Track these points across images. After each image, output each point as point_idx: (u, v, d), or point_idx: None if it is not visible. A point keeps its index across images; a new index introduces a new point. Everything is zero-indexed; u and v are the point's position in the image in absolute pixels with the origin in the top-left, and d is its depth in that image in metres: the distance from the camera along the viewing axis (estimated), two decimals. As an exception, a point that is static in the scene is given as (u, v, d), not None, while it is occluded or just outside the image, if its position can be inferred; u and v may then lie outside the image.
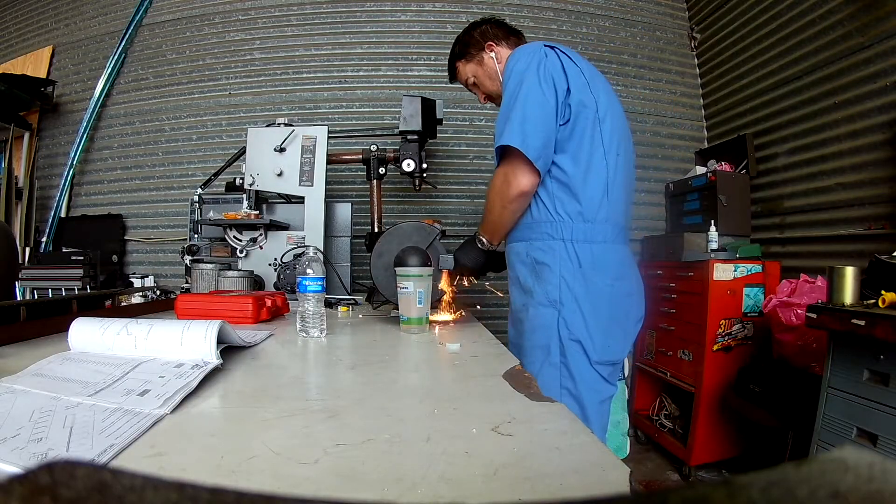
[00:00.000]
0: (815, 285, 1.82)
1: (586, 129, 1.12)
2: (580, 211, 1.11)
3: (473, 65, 1.37)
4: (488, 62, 1.35)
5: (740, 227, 2.38)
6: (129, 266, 2.89)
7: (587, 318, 1.09)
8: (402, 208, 2.73)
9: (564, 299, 1.09)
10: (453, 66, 1.43)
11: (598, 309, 1.10)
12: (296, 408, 0.53)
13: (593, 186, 1.12)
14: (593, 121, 1.12)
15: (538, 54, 1.13)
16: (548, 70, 1.11)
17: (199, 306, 1.11)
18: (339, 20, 2.84)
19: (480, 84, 1.38)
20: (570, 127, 1.11)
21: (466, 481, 0.36)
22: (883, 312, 1.27)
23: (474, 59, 1.36)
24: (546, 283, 1.11)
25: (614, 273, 1.13)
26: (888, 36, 1.86)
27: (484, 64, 1.35)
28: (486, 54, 1.35)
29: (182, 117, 2.91)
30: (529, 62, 1.12)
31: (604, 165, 1.12)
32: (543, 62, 1.11)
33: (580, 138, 1.11)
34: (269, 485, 0.36)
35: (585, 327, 1.09)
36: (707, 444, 2.15)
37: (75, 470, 0.12)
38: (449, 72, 1.46)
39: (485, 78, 1.36)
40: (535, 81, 1.10)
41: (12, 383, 0.55)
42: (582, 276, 1.10)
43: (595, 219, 1.12)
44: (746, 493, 0.11)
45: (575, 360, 1.09)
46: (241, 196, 1.84)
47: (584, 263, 1.10)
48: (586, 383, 1.10)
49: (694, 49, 2.95)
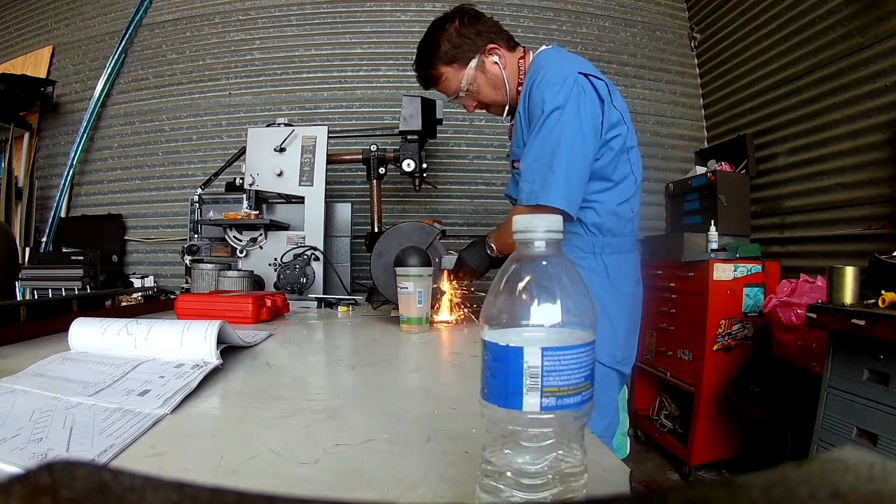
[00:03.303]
0: (815, 285, 1.82)
1: (620, 156, 1.14)
2: (610, 227, 1.15)
3: (471, 71, 1.17)
4: (492, 68, 1.17)
5: (740, 227, 2.38)
6: (129, 266, 2.89)
7: (615, 323, 1.14)
8: (402, 208, 2.73)
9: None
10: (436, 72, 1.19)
11: (623, 313, 1.16)
12: (296, 408, 0.53)
13: (624, 207, 1.16)
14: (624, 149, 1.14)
15: (576, 88, 1.04)
16: (587, 110, 1.05)
17: (199, 306, 1.10)
18: (339, 20, 2.83)
19: (479, 93, 1.20)
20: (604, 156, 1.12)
21: (466, 481, 0.36)
22: (883, 312, 1.27)
23: (472, 62, 1.16)
24: None
25: (635, 279, 1.20)
26: (888, 36, 1.86)
27: (486, 70, 1.17)
28: (488, 58, 1.17)
29: (182, 117, 2.91)
30: (568, 98, 1.04)
31: (633, 189, 1.17)
32: (582, 100, 1.05)
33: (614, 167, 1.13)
34: (269, 485, 0.36)
35: (613, 331, 1.13)
36: (707, 444, 2.15)
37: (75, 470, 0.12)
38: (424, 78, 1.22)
39: (486, 86, 1.18)
40: (577, 127, 1.04)
41: (12, 383, 0.55)
42: (610, 286, 1.14)
43: (621, 233, 1.17)
44: (746, 493, 0.11)
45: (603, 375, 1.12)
46: (241, 196, 1.84)
47: (612, 274, 1.15)
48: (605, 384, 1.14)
49: (694, 49, 2.95)
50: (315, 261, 1.60)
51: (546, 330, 0.30)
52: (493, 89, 1.20)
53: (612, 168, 1.13)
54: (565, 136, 1.03)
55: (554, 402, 0.29)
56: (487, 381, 0.31)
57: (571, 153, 1.04)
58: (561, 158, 1.03)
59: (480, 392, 0.32)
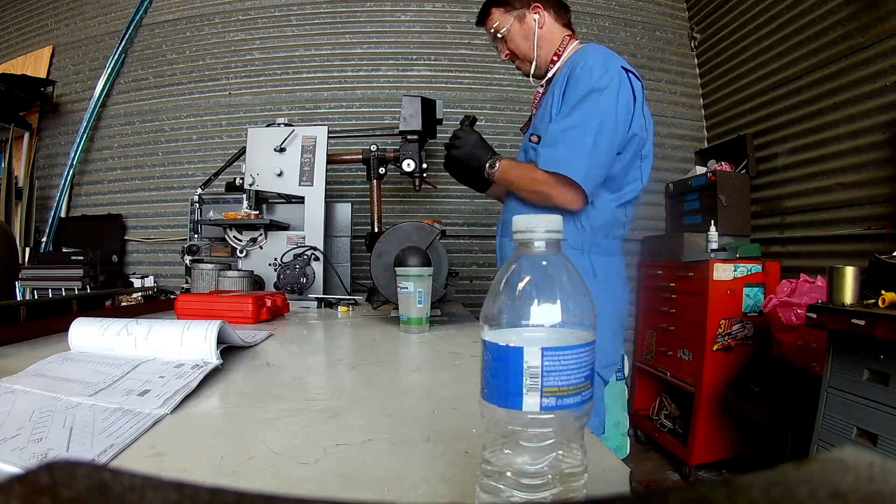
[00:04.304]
0: (815, 285, 1.82)
1: (633, 161, 1.15)
2: (602, 227, 1.16)
3: (512, 18, 1.27)
4: (530, 22, 1.26)
5: (740, 227, 2.38)
6: (129, 266, 2.89)
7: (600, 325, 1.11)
8: (402, 208, 2.73)
9: None
10: (488, 9, 1.31)
11: (609, 316, 1.15)
12: (296, 408, 0.53)
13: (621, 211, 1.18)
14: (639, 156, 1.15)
15: (618, 78, 1.10)
16: (624, 101, 1.09)
17: (199, 306, 1.10)
18: (339, 20, 2.83)
19: (512, 41, 1.29)
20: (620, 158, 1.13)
21: (466, 481, 0.36)
22: (883, 312, 1.27)
23: (515, 12, 1.27)
24: None
25: (621, 282, 1.21)
26: (888, 36, 1.86)
27: (524, 22, 1.26)
28: (530, 13, 1.26)
29: (182, 117, 2.91)
30: (609, 83, 1.08)
31: (635, 194, 1.18)
32: (622, 90, 1.09)
33: (625, 168, 1.15)
34: (269, 485, 0.36)
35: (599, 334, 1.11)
36: (707, 444, 2.15)
37: (75, 470, 0.12)
38: (480, 13, 1.34)
39: (519, 36, 1.28)
40: (613, 108, 1.07)
41: (12, 383, 0.55)
42: (597, 286, 1.13)
43: (612, 235, 1.18)
44: (746, 493, 0.11)
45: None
46: (241, 196, 1.84)
47: (599, 274, 1.15)
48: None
49: (694, 49, 2.95)
50: (315, 261, 1.60)
51: (546, 330, 0.30)
52: (524, 40, 1.28)
53: (625, 170, 1.14)
54: (600, 117, 1.07)
55: (554, 402, 0.29)
56: (487, 381, 0.31)
57: (601, 134, 1.06)
58: (591, 136, 1.06)
59: (480, 392, 0.32)
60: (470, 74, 2.79)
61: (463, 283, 2.66)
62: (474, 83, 2.79)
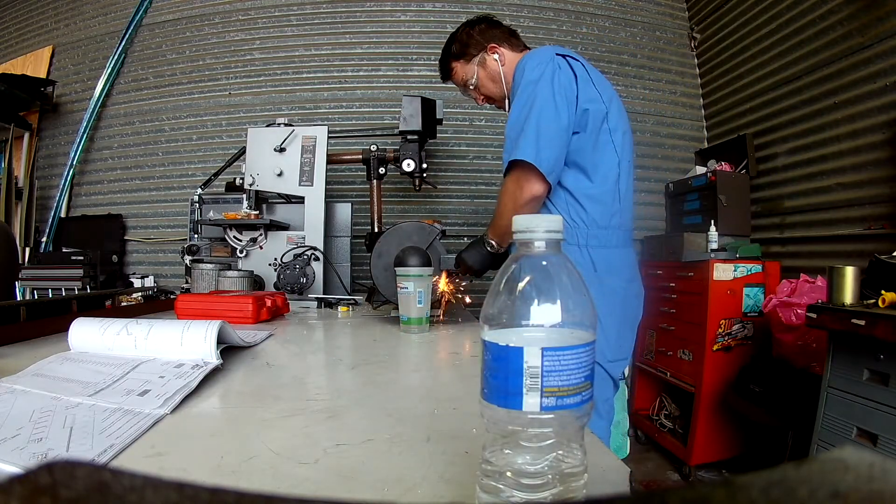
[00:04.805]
0: (815, 285, 1.82)
1: (599, 138, 1.14)
2: (595, 218, 1.14)
3: (474, 66, 1.32)
4: (491, 64, 1.30)
5: (740, 227, 2.38)
6: (129, 266, 2.89)
7: (602, 320, 1.11)
8: (402, 208, 2.73)
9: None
10: (448, 66, 1.37)
11: (612, 310, 1.14)
12: (296, 408, 0.53)
13: (607, 193, 1.15)
14: (605, 130, 1.15)
15: (551, 64, 1.11)
16: (561, 82, 1.10)
17: (199, 306, 1.10)
18: (339, 20, 2.83)
19: (481, 86, 1.34)
20: (583, 136, 1.13)
21: (466, 481, 0.36)
22: (883, 312, 1.27)
23: (475, 59, 1.32)
24: None
25: (626, 275, 1.18)
26: (888, 36, 1.86)
27: (487, 66, 1.31)
28: (489, 56, 1.30)
29: (182, 117, 2.91)
30: (543, 72, 1.11)
31: (616, 173, 1.16)
32: (557, 73, 1.10)
33: (593, 147, 1.14)
34: (269, 485, 0.36)
35: (601, 329, 1.11)
36: (707, 444, 2.15)
37: (75, 470, 0.12)
38: (442, 71, 1.40)
39: (487, 80, 1.32)
40: (549, 94, 1.09)
41: (12, 383, 0.55)
42: (597, 280, 1.13)
43: (609, 225, 1.16)
44: (746, 493, 0.11)
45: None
46: (241, 196, 1.84)
47: (599, 268, 1.14)
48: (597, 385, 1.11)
49: (694, 49, 2.95)
50: (315, 261, 1.60)
51: (546, 330, 0.30)
52: (492, 83, 1.32)
53: (594, 147, 1.14)
54: (537, 102, 1.09)
55: (554, 402, 0.29)
56: (487, 381, 0.31)
57: (541, 115, 1.08)
58: (530, 118, 1.09)
59: (480, 392, 0.32)
60: (470, 74, 2.78)
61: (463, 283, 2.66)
62: (474, 83, 2.79)
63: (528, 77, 1.12)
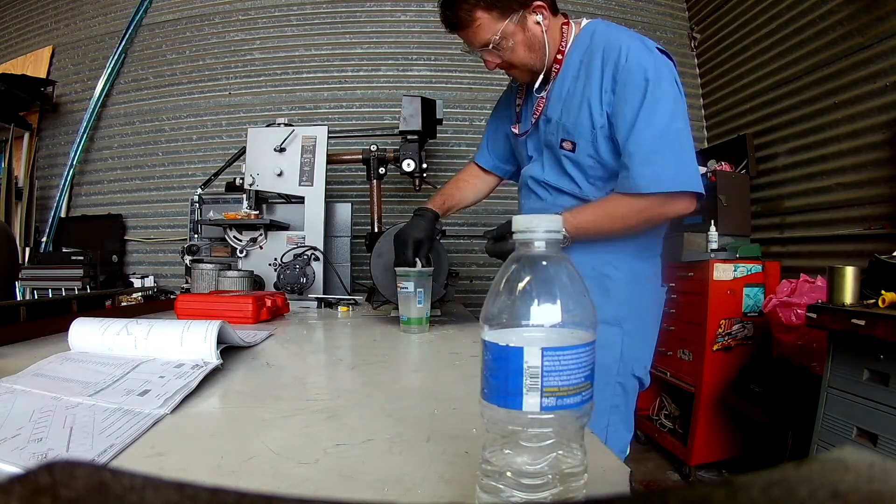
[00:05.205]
0: (815, 285, 1.82)
1: None
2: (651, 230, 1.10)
3: (510, 24, 1.01)
4: (533, 27, 1.02)
5: (740, 227, 2.38)
6: (129, 266, 2.89)
7: (646, 331, 1.11)
8: (402, 208, 2.73)
9: (629, 315, 1.06)
10: (472, 15, 1.01)
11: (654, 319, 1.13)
12: (296, 408, 0.53)
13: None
14: None
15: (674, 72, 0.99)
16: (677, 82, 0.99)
17: (199, 306, 1.10)
18: (339, 20, 2.83)
19: (511, 50, 1.04)
20: None
21: (466, 481, 0.36)
22: (883, 312, 1.27)
23: (513, 17, 1.01)
24: (613, 298, 1.05)
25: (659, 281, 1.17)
26: (888, 36, 1.86)
27: (527, 28, 1.02)
28: (532, 17, 1.02)
29: (182, 117, 2.91)
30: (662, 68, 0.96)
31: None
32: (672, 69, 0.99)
33: None
34: (269, 485, 0.36)
35: (644, 341, 1.10)
36: (707, 444, 2.15)
37: (75, 470, 0.12)
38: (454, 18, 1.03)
39: (522, 46, 1.04)
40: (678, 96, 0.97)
41: (12, 383, 0.55)
42: (643, 290, 1.11)
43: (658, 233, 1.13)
44: (746, 493, 0.11)
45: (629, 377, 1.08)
46: (241, 196, 1.84)
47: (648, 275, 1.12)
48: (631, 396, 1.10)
49: (694, 49, 2.95)
50: (315, 261, 1.60)
51: (546, 330, 0.30)
52: (529, 51, 1.05)
53: None
54: (679, 113, 0.95)
55: (554, 402, 0.29)
56: (487, 381, 0.31)
57: (684, 128, 0.95)
58: (684, 137, 0.94)
59: (480, 392, 0.32)
60: (470, 74, 2.79)
61: (463, 283, 2.66)
62: (474, 83, 2.79)
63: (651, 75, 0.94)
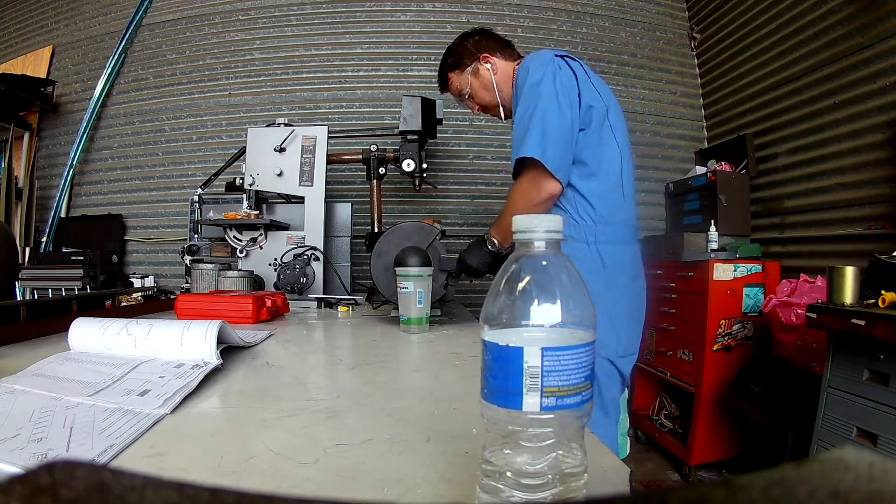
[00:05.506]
0: (815, 285, 1.82)
1: (602, 134, 1.16)
2: (602, 214, 1.15)
3: (468, 76, 1.35)
4: (484, 73, 1.33)
5: (740, 227, 2.38)
6: (129, 266, 2.89)
7: (613, 316, 1.14)
8: (402, 208, 2.73)
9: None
10: (445, 77, 1.41)
11: (621, 306, 1.16)
12: (296, 408, 0.53)
13: (612, 189, 1.17)
14: (607, 126, 1.17)
15: (552, 66, 1.14)
16: (563, 81, 1.12)
17: (199, 306, 1.10)
18: (339, 20, 2.83)
19: (475, 95, 1.36)
20: (588, 133, 1.14)
21: (466, 481, 0.36)
22: (883, 312, 1.27)
23: (468, 69, 1.35)
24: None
25: (631, 272, 1.20)
26: (888, 36, 1.86)
27: (480, 75, 1.34)
28: (482, 65, 1.33)
29: (182, 117, 2.91)
30: (544, 74, 1.13)
31: (619, 169, 1.18)
32: (558, 73, 1.13)
33: (597, 145, 1.15)
34: (269, 485, 0.36)
35: (612, 325, 1.13)
36: (707, 444, 2.15)
37: (75, 470, 0.12)
38: (440, 82, 1.45)
39: (480, 89, 1.35)
40: (552, 94, 1.11)
41: (12, 383, 0.55)
42: (606, 276, 1.14)
43: (615, 220, 1.17)
44: (746, 493, 0.11)
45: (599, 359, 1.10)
46: (241, 196, 1.84)
47: (608, 264, 1.15)
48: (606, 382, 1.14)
49: (694, 49, 2.95)
50: (315, 261, 1.60)
51: (546, 330, 0.30)
52: (486, 91, 1.35)
53: (599, 144, 1.15)
54: (540, 102, 1.11)
55: (554, 402, 0.29)
56: (487, 381, 0.31)
57: (545, 117, 1.10)
58: (535, 120, 1.10)
59: (480, 392, 0.31)
60: (470, 74, 2.79)
61: (463, 283, 2.66)
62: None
63: (531, 79, 1.14)
